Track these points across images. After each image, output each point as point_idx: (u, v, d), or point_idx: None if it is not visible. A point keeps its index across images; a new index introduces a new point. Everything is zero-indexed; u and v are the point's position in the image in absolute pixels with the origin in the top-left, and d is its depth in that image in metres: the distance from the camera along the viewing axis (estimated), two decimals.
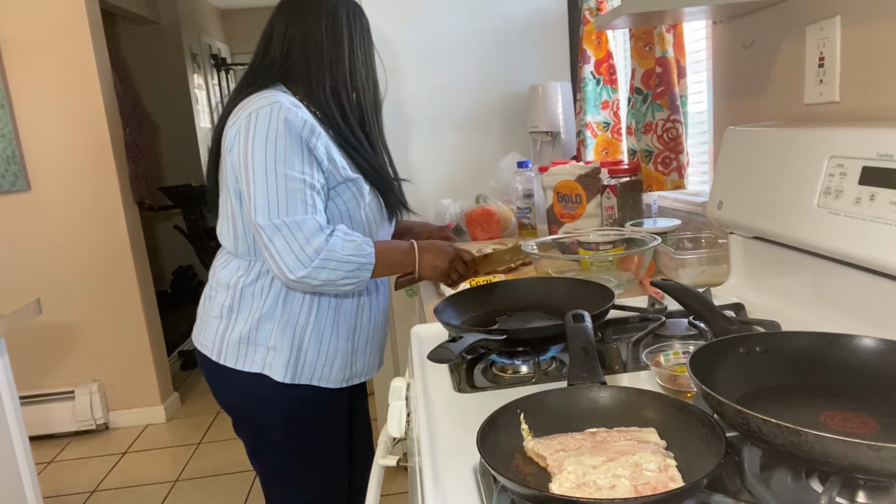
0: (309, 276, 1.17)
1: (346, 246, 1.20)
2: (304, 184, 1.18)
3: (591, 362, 0.77)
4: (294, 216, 1.16)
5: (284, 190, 1.16)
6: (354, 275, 1.21)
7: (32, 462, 1.76)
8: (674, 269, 1.32)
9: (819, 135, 0.96)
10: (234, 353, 1.31)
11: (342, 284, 1.22)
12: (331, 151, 1.25)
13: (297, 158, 1.18)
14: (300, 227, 1.16)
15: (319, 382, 1.33)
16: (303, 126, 1.19)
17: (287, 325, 1.29)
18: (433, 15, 2.35)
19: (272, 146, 1.17)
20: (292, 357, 1.30)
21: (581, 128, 2.09)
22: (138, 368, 3.30)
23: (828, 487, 0.56)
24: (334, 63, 1.29)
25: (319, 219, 1.19)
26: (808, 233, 0.93)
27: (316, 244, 1.17)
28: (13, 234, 3.11)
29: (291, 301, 1.29)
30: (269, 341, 1.29)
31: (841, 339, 0.73)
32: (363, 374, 1.43)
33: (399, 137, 2.41)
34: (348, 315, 1.35)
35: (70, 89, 3.03)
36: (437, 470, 0.70)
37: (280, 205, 1.16)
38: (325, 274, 1.18)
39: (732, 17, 1.42)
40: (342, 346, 1.35)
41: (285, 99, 1.21)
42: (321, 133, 1.23)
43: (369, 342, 1.42)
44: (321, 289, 1.23)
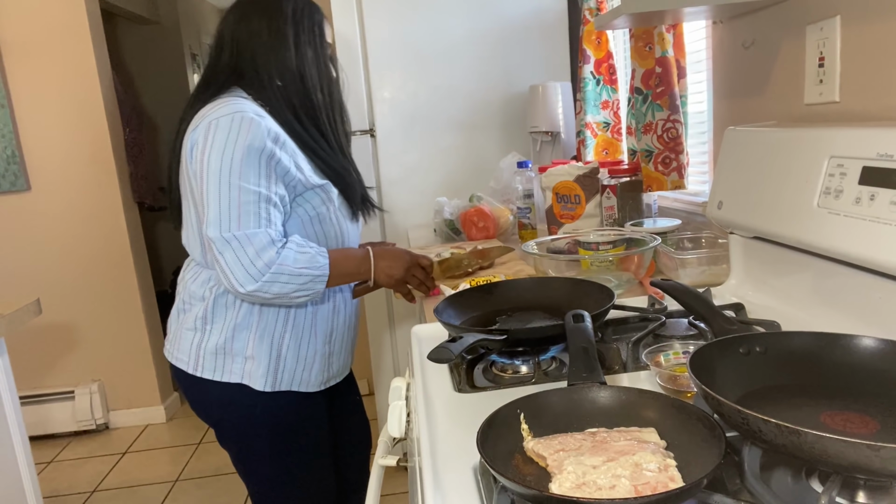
0: (260, 289, 1.16)
1: (298, 258, 1.18)
2: (258, 197, 1.16)
3: (591, 362, 0.77)
4: (245, 230, 1.14)
5: (237, 203, 1.14)
6: (308, 287, 1.20)
7: (32, 462, 1.76)
8: (674, 269, 1.32)
9: (819, 135, 0.96)
10: (212, 365, 1.29)
11: (295, 297, 1.21)
12: (297, 158, 1.24)
13: (254, 171, 1.15)
14: (251, 240, 1.14)
15: (300, 388, 1.33)
16: (266, 136, 1.17)
17: (265, 334, 1.28)
18: (433, 15, 2.35)
19: (228, 157, 1.14)
20: (271, 365, 1.29)
21: (581, 128, 2.09)
22: (138, 368, 3.30)
23: (828, 487, 0.56)
24: (282, 63, 1.26)
25: (272, 232, 1.16)
26: (808, 233, 0.93)
27: (267, 258, 1.15)
28: (13, 234, 3.11)
29: (267, 309, 1.28)
30: (247, 350, 1.28)
31: (841, 339, 0.73)
32: (340, 374, 1.44)
33: (399, 137, 2.41)
34: (325, 318, 1.35)
35: (70, 89, 3.03)
36: (437, 470, 0.70)
37: (231, 218, 1.14)
38: (276, 287, 1.17)
39: (732, 17, 1.42)
40: (320, 350, 1.35)
41: (249, 107, 1.19)
42: (286, 141, 1.22)
43: (344, 342, 1.43)
44: (273, 302, 1.22)
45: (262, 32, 1.26)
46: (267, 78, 1.26)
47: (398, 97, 2.39)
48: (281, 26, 1.26)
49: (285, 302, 1.23)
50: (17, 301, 1.74)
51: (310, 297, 1.24)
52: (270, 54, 1.26)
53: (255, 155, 1.15)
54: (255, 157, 1.15)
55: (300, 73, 1.28)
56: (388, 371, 2.58)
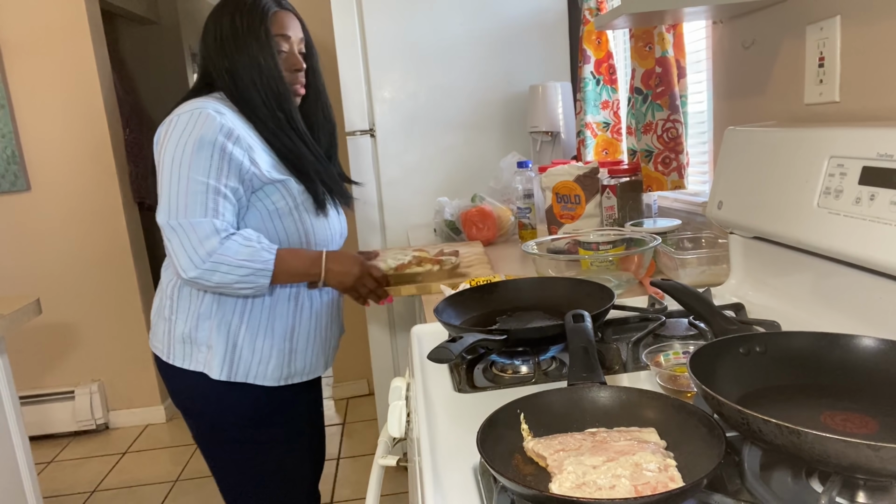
0: (201, 277, 1.20)
1: (240, 250, 1.21)
2: (206, 187, 1.20)
3: (591, 362, 0.77)
4: (191, 218, 1.19)
5: (185, 192, 1.20)
6: (249, 280, 1.23)
7: (32, 462, 1.76)
8: (674, 269, 1.32)
9: (819, 135, 0.96)
10: (181, 353, 1.35)
11: (238, 288, 1.24)
12: (253, 154, 1.26)
13: (205, 163, 1.20)
14: (195, 228, 1.19)
15: (255, 380, 1.35)
16: (218, 130, 1.21)
17: (222, 324, 1.32)
18: (433, 15, 2.35)
19: (181, 149, 1.20)
20: (227, 355, 1.32)
21: (581, 128, 2.09)
22: (138, 368, 3.30)
23: (828, 487, 0.56)
24: (231, 64, 1.31)
25: (217, 222, 1.20)
26: (808, 233, 0.93)
27: (209, 246, 1.19)
28: (13, 234, 3.11)
29: (226, 300, 1.32)
30: (208, 340, 1.33)
31: (841, 339, 0.73)
32: (305, 373, 1.44)
33: (399, 137, 2.41)
34: (285, 314, 1.37)
35: (70, 89, 3.03)
36: (437, 470, 0.70)
37: (180, 206, 1.20)
38: (217, 277, 1.21)
39: (732, 17, 1.42)
40: (278, 346, 1.37)
41: (210, 104, 1.25)
42: (240, 137, 1.25)
43: (311, 342, 1.43)
44: (219, 290, 1.26)
45: (214, 36, 1.32)
46: (229, 76, 1.31)
47: (398, 97, 2.39)
48: (226, 25, 1.31)
49: (230, 292, 1.26)
50: (17, 301, 1.74)
51: (254, 291, 1.26)
52: (222, 57, 1.31)
53: (206, 148, 1.20)
54: (206, 150, 1.20)
55: (248, 72, 1.30)
56: (388, 371, 2.58)
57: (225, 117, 1.24)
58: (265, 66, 1.31)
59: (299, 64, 1.37)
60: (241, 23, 1.30)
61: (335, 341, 1.54)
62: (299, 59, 1.37)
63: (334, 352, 1.55)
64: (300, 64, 1.37)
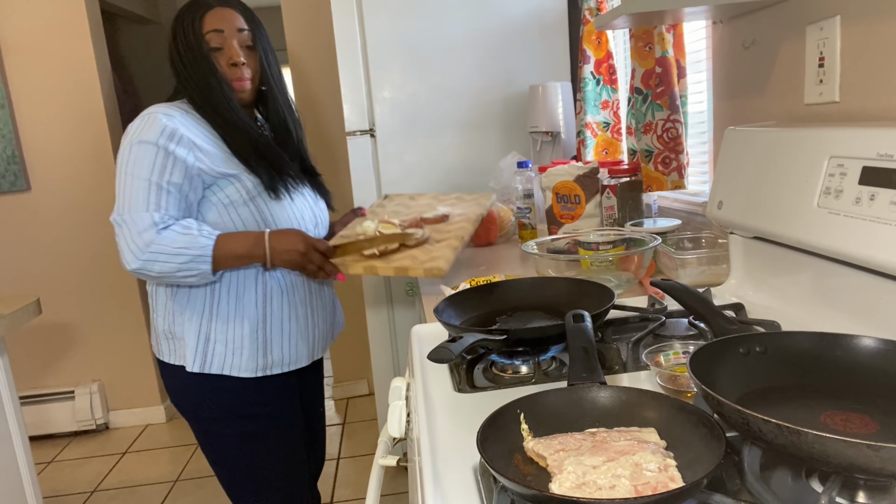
0: (143, 268, 1.25)
1: (177, 239, 1.25)
2: (148, 184, 1.26)
3: (591, 362, 0.77)
4: (132, 213, 1.25)
5: (129, 190, 1.26)
6: (190, 267, 1.26)
7: (32, 462, 1.76)
8: (674, 269, 1.32)
9: (819, 135, 0.96)
10: (166, 347, 1.41)
11: (182, 277, 1.28)
12: (200, 152, 1.30)
13: (148, 162, 1.26)
14: (135, 221, 1.24)
15: (231, 372, 1.37)
16: (160, 133, 1.27)
17: (193, 316, 1.36)
18: (433, 15, 2.35)
19: (127, 151, 1.28)
20: (199, 346, 1.36)
21: (581, 128, 2.09)
22: (138, 368, 3.30)
23: (828, 487, 0.56)
24: (177, 62, 1.38)
25: (156, 215, 1.25)
26: (808, 233, 0.93)
27: (146, 238, 1.24)
28: (13, 234, 3.11)
29: (196, 293, 1.36)
30: (183, 333, 1.37)
31: (841, 339, 0.73)
32: (285, 363, 1.44)
33: (399, 137, 2.41)
34: (253, 304, 1.38)
35: (70, 89, 3.02)
36: (437, 470, 0.70)
37: (124, 203, 1.26)
38: (157, 266, 1.25)
39: (732, 17, 1.42)
40: (249, 336, 1.38)
41: (163, 109, 1.32)
42: (184, 138, 1.29)
43: (287, 332, 1.43)
44: (166, 280, 1.30)
45: (168, 41, 1.40)
46: (178, 81, 1.40)
47: (398, 97, 2.39)
48: (172, 33, 1.38)
49: (175, 281, 1.30)
50: (17, 301, 1.74)
51: (199, 278, 1.29)
52: (172, 61, 1.39)
53: (147, 148, 1.27)
54: (147, 150, 1.27)
55: (189, 74, 1.37)
56: (388, 371, 2.58)
57: (173, 119, 1.30)
58: (198, 64, 1.36)
59: (235, 57, 1.37)
60: (179, 26, 1.37)
61: (323, 332, 1.53)
62: (236, 52, 1.37)
63: (324, 342, 1.54)
64: (236, 57, 1.37)
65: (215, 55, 1.36)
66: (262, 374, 1.41)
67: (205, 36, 1.36)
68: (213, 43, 1.36)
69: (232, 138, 1.37)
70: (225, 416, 1.40)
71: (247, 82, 1.39)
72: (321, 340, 1.53)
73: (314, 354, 1.51)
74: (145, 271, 1.26)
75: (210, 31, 1.36)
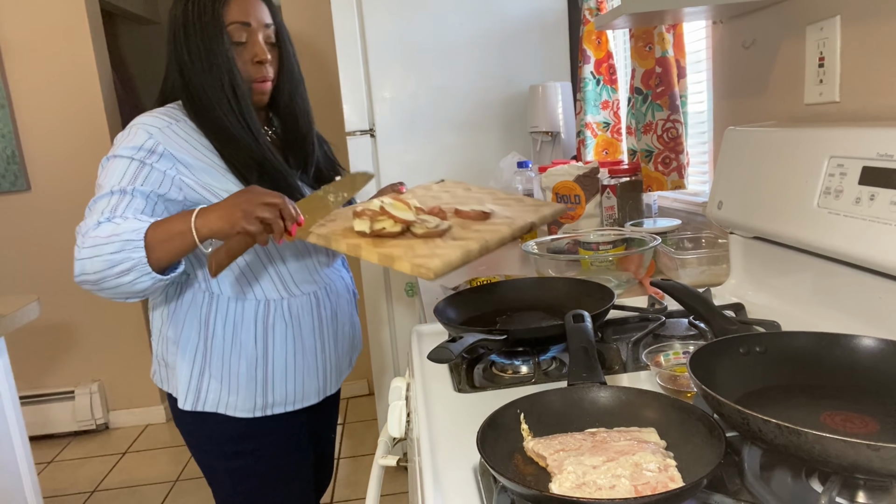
0: (82, 271, 1.03)
1: (110, 228, 1.03)
2: (111, 194, 1.08)
3: (591, 362, 0.77)
4: (86, 219, 1.08)
5: (94, 204, 1.09)
6: (121, 258, 1.01)
7: (32, 462, 1.76)
8: (674, 269, 1.32)
9: (819, 135, 0.96)
10: (161, 373, 1.29)
11: (117, 275, 1.02)
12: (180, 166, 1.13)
13: (117, 174, 1.09)
14: (82, 228, 1.06)
15: (226, 411, 1.23)
16: (139, 147, 1.11)
17: (186, 349, 1.22)
18: (433, 15, 2.35)
19: (102, 166, 1.13)
20: (192, 383, 1.22)
21: (581, 128, 2.09)
22: (138, 368, 3.29)
23: (828, 487, 0.56)
24: (183, 54, 1.18)
25: (102, 218, 1.06)
26: (808, 233, 0.93)
27: (85, 236, 1.04)
28: (13, 234, 3.11)
29: (190, 325, 1.21)
30: (175, 364, 1.23)
31: (841, 339, 0.73)
32: (289, 402, 1.27)
33: (399, 137, 2.41)
34: (252, 338, 1.22)
35: (70, 89, 3.02)
36: (437, 470, 0.70)
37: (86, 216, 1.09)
38: (90, 265, 1.02)
39: (732, 17, 1.42)
40: (246, 374, 1.22)
41: (148, 120, 1.15)
42: (166, 155, 1.12)
43: (291, 369, 1.26)
44: (108, 288, 1.05)
45: (169, 29, 1.20)
46: (179, 79, 1.20)
47: (398, 97, 2.39)
48: (178, 21, 1.18)
49: (114, 287, 1.04)
50: (17, 301, 1.74)
51: (135, 275, 1.03)
52: (174, 53, 1.20)
53: (120, 162, 1.11)
54: (120, 164, 1.10)
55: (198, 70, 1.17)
56: (388, 371, 2.58)
57: (160, 133, 1.13)
58: (213, 60, 1.15)
59: (262, 55, 1.19)
60: (192, 11, 1.15)
61: (336, 363, 1.35)
62: (262, 50, 1.19)
63: (338, 374, 1.37)
64: (263, 55, 1.19)
65: (237, 50, 1.18)
66: (262, 415, 1.25)
67: (227, 27, 1.16)
68: (235, 37, 1.17)
69: (232, 154, 1.17)
70: (218, 454, 1.27)
71: (269, 83, 1.23)
72: (335, 373, 1.35)
73: (326, 390, 1.34)
74: (85, 276, 1.03)
75: (234, 23, 1.16)
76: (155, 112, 1.19)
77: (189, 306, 1.23)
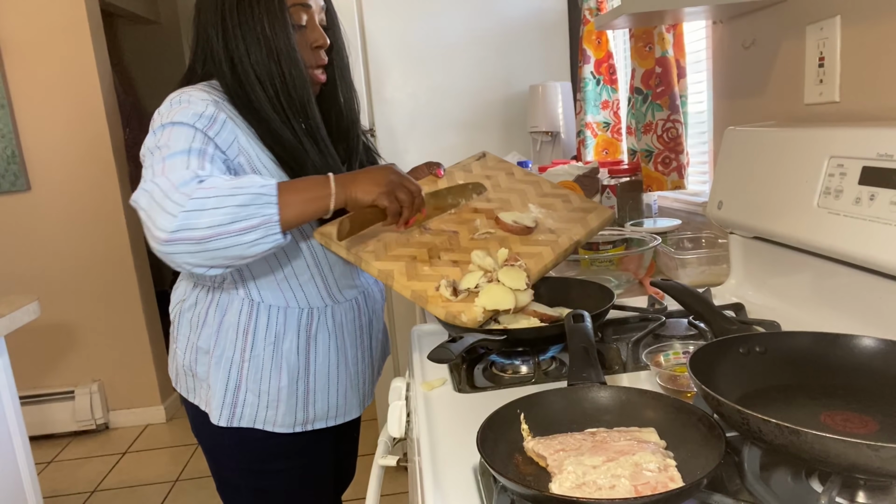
0: (185, 224, 0.87)
1: (229, 181, 0.92)
2: (188, 152, 0.96)
3: (591, 362, 0.77)
4: (166, 174, 0.93)
5: (162, 164, 0.95)
6: (250, 213, 0.90)
7: (32, 462, 1.76)
8: (674, 269, 1.32)
9: (819, 135, 0.96)
10: (184, 384, 1.19)
11: (239, 231, 0.90)
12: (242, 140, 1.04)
13: (185, 136, 0.98)
14: (171, 179, 0.91)
15: (264, 426, 1.15)
16: (198, 117, 0.99)
17: (221, 360, 1.12)
18: (433, 15, 2.35)
19: (162, 132, 0.99)
20: (227, 398, 1.12)
21: (581, 128, 2.09)
22: (138, 368, 3.29)
23: (828, 487, 0.56)
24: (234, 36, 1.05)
25: (201, 172, 0.94)
26: (808, 233, 0.93)
27: (187, 188, 0.90)
28: (13, 234, 3.11)
29: (225, 334, 1.12)
30: (208, 377, 1.14)
31: (841, 339, 0.73)
32: (330, 416, 1.20)
33: (399, 137, 2.41)
34: (294, 351, 1.13)
35: (70, 89, 3.02)
36: (437, 470, 0.70)
37: (153, 173, 0.94)
38: (206, 218, 0.88)
39: (732, 17, 1.42)
40: (287, 388, 1.14)
41: (195, 92, 1.03)
42: (226, 122, 1.02)
43: (335, 381, 1.19)
44: (216, 254, 0.91)
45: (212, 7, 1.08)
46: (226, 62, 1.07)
47: (398, 97, 2.39)
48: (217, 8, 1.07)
49: (230, 248, 0.91)
50: (17, 301, 1.74)
51: (261, 235, 0.91)
52: (220, 35, 1.07)
53: (185, 127, 0.98)
54: (185, 129, 0.98)
55: (254, 54, 1.05)
56: (389, 371, 2.58)
57: (213, 103, 1.02)
58: (276, 45, 1.04)
59: (322, 39, 1.09)
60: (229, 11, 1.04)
61: (374, 371, 1.29)
62: (322, 34, 1.09)
63: (373, 385, 1.30)
64: (323, 40, 1.09)
65: (299, 33, 1.07)
66: (302, 430, 1.17)
67: (290, 8, 1.05)
68: (296, 18, 1.06)
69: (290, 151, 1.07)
70: (247, 469, 1.19)
71: (324, 76, 1.13)
72: (371, 382, 1.29)
73: (366, 401, 1.27)
74: (189, 229, 0.88)
75: (296, 4, 1.05)
76: (196, 86, 1.06)
77: (225, 314, 1.12)
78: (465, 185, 1.21)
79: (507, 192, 1.23)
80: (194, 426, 1.21)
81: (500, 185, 1.26)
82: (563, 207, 1.21)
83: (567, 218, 1.18)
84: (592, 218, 1.20)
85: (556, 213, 1.19)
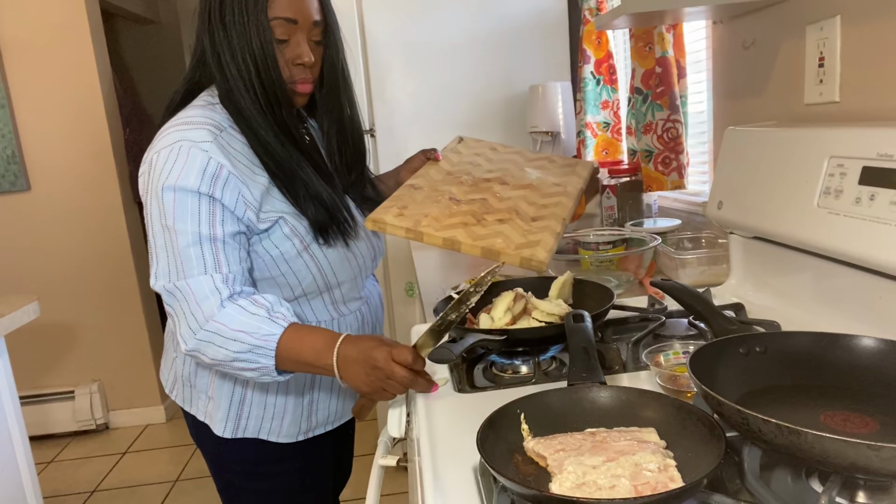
0: (197, 349, 0.98)
1: (240, 319, 0.96)
2: (198, 238, 0.98)
3: (591, 362, 0.78)
4: (188, 278, 0.98)
5: (174, 248, 0.98)
6: (247, 359, 0.97)
7: (32, 462, 1.76)
8: (674, 269, 1.32)
9: (819, 135, 0.96)
10: (181, 394, 1.19)
11: (238, 369, 0.98)
12: (246, 194, 1.02)
13: (191, 210, 0.99)
14: (192, 289, 0.97)
15: (268, 437, 1.16)
16: (201, 175, 0.98)
17: (227, 376, 1.11)
18: (433, 15, 2.35)
19: (163, 200, 0.99)
20: (232, 410, 1.13)
21: (581, 128, 2.09)
22: (138, 368, 3.29)
23: (828, 487, 0.56)
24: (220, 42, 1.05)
25: (217, 277, 0.98)
26: (808, 233, 0.93)
27: (206, 310, 0.97)
28: (13, 234, 3.11)
29: None
30: (209, 390, 1.14)
31: (841, 339, 0.73)
32: (329, 421, 1.23)
33: (399, 137, 2.41)
34: None
35: (70, 89, 3.02)
36: (437, 470, 0.70)
37: (172, 266, 0.99)
38: (211, 351, 0.97)
39: (732, 17, 1.42)
40: (293, 400, 1.16)
41: (193, 133, 1.01)
42: (229, 178, 1.01)
43: (336, 389, 1.21)
44: (222, 369, 1.01)
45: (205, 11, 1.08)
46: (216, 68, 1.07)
47: (398, 97, 2.39)
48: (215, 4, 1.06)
49: (233, 373, 1.01)
50: (17, 301, 1.74)
51: (258, 373, 0.98)
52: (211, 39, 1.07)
53: (189, 195, 0.99)
54: (190, 197, 0.99)
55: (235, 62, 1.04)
56: None
57: (211, 146, 1.00)
58: (254, 55, 1.03)
59: (304, 56, 1.06)
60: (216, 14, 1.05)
61: None
62: (305, 51, 1.06)
63: None
64: (306, 56, 1.06)
65: (278, 48, 1.05)
66: (304, 438, 1.19)
67: (271, 21, 1.03)
68: (278, 32, 1.04)
69: (276, 162, 1.06)
70: (248, 474, 1.20)
71: (310, 85, 1.10)
72: None
73: None
74: (199, 354, 0.98)
75: (279, 18, 1.03)
76: (192, 119, 1.04)
77: None
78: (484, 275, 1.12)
79: (502, 164, 1.36)
80: (194, 434, 1.22)
81: (493, 160, 1.39)
82: (552, 167, 1.38)
83: (561, 173, 1.35)
84: (580, 169, 1.37)
85: (550, 171, 1.34)
